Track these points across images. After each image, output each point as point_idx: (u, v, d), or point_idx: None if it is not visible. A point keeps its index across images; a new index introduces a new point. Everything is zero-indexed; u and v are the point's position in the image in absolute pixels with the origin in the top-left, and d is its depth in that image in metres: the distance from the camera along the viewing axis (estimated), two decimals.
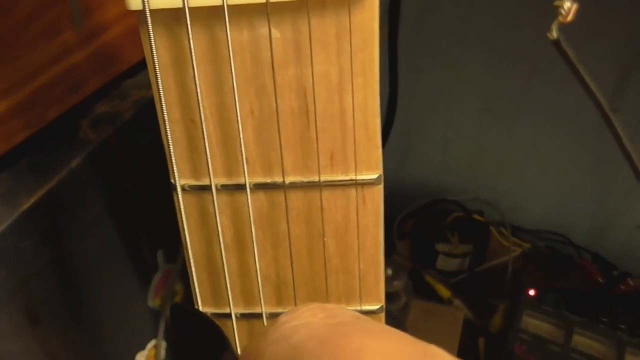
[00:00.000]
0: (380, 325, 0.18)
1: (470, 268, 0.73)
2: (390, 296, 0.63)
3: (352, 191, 0.25)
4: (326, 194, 0.25)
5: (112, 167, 0.45)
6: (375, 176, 0.25)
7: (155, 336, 0.52)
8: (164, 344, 0.53)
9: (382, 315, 0.27)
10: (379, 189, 0.25)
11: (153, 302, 0.52)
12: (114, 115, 0.45)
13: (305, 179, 0.25)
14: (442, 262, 0.73)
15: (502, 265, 0.73)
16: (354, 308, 0.27)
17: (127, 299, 0.49)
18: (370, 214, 0.25)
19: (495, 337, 0.67)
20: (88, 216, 0.43)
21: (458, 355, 0.18)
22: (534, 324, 0.65)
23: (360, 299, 0.27)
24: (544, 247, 0.74)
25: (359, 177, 0.25)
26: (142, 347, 0.52)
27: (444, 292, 0.70)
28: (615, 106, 0.73)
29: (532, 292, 0.66)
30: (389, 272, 0.62)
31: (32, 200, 0.38)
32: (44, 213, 0.38)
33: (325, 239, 0.25)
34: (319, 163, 0.24)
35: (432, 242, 0.73)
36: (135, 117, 0.46)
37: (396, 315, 0.62)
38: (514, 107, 0.74)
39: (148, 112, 0.27)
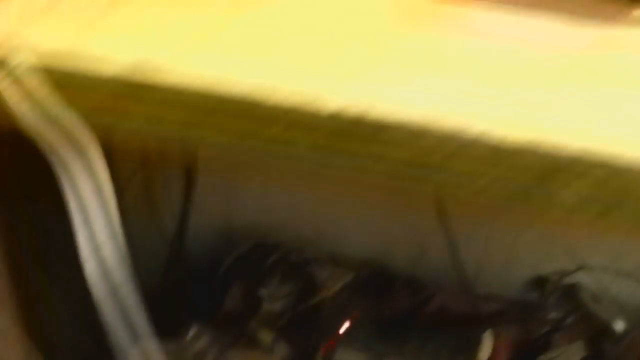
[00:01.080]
0: None
1: (295, 307, 0.75)
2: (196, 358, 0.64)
3: None
4: None
5: None
6: None
7: None
8: None
9: None
10: None
11: None
12: None
13: None
14: (267, 306, 0.74)
15: (327, 299, 0.75)
16: None
17: None
18: None
19: None
20: None
21: None
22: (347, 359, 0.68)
23: None
24: (366, 276, 0.76)
25: None
26: None
27: (267, 337, 0.71)
28: None
29: (343, 329, 0.69)
30: (192, 332, 0.63)
31: None
32: None
33: None
34: None
35: (255, 287, 0.74)
36: None
37: None
38: None
39: None
